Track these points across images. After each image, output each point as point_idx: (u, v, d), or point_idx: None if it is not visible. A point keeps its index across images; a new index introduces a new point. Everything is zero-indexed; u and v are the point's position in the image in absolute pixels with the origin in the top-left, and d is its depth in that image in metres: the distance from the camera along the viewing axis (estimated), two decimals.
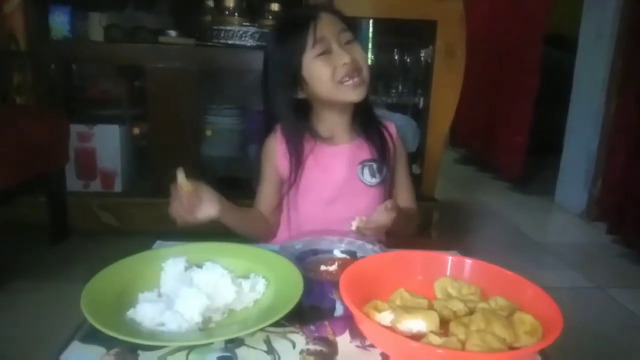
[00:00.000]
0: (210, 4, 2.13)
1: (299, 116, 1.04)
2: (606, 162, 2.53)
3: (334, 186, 1.05)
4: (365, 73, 1.00)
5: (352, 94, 0.99)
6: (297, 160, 1.04)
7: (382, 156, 1.07)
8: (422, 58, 2.20)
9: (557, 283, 1.93)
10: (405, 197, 1.12)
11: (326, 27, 0.98)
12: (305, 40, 0.97)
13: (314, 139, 1.05)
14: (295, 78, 1.00)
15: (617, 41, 2.46)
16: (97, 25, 2.11)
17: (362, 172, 1.06)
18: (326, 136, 1.06)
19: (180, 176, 0.87)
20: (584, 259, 2.22)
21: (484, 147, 3.44)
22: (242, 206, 1.07)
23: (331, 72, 0.97)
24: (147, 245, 0.87)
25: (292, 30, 1.00)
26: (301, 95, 1.02)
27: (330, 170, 1.06)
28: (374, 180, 1.07)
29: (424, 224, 2.14)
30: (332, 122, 1.06)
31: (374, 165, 1.06)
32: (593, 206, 2.61)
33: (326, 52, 0.97)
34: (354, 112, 1.07)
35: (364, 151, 1.07)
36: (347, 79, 0.97)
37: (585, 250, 2.34)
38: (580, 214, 2.67)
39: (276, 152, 1.06)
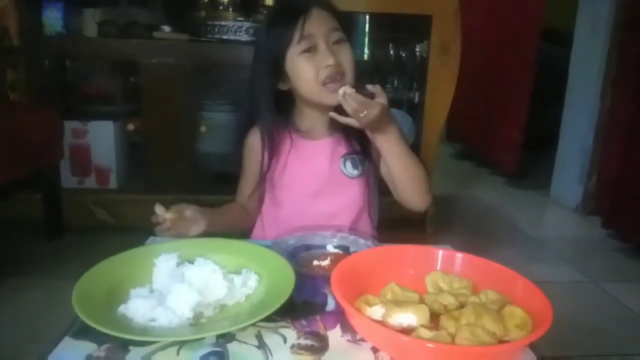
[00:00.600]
0: None
1: (279, 108, 1.03)
2: (601, 156, 2.54)
3: (317, 180, 1.05)
4: (349, 78, 0.98)
5: (333, 98, 0.96)
6: (272, 151, 1.04)
7: (363, 149, 1.06)
8: (417, 53, 2.20)
9: (552, 277, 1.94)
10: None
11: (316, 23, 0.96)
12: (292, 34, 0.96)
13: (294, 134, 1.05)
14: (279, 69, 0.99)
15: (612, 36, 2.46)
16: (90, 20, 2.10)
17: (345, 165, 1.06)
18: (306, 131, 1.06)
19: (160, 209, 0.89)
20: (579, 253, 2.23)
21: (480, 142, 3.45)
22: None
23: (314, 72, 0.96)
24: (141, 242, 0.87)
25: (281, 21, 0.99)
26: (283, 86, 1.02)
27: (313, 164, 1.06)
28: (356, 172, 1.06)
29: (419, 219, 2.15)
30: (313, 118, 1.06)
31: (356, 158, 1.06)
32: (588, 200, 2.62)
33: (311, 50, 0.96)
34: (334, 108, 1.06)
35: (345, 145, 1.07)
36: (328, 80, 0.96)
37: (581, 244, 2.35)
38: (575, 208, 2.68)
39: (258, 146, 1.06)
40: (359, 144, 1.06)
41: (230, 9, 2.07)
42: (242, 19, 2.06)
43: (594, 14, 2.56)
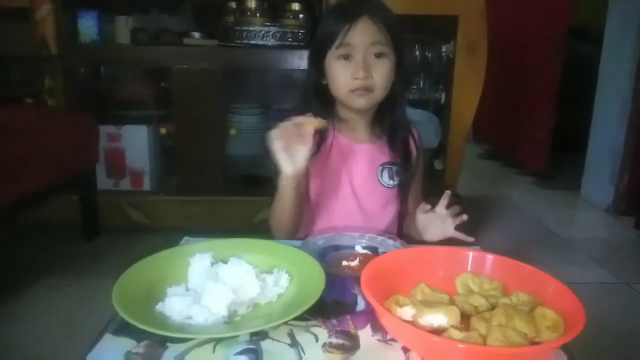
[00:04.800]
0: (233, 5, 2.15)
1: (324, 100, 1.06)
2: (633, 155, 2.47)
3: (355, 181, 1.07)
4: (379, 92, 1.00)
5: (359, 102, 1.00)
6: (320, 139, 1.04)
7: (404, 161, 1.08)
8: (444, 54, 2.18)
9: (583, 279, 1.90)
10: (417, 199, 1.13)
11: (359, 33, 0.97)
12: (335, 37, 0.98)
13: (338, 133, 1.06)
14: (321, 65, 1.03)
15: None
16: (123, 28, 2.16)
17: (382, 174, 1.08)
18: (346, 129, 1.07)
19: (309, 118, 0.87)
20: (611, 255, 2.17)
21: (508, 142, 3.40)
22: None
23: (345, 79, 0.99)
24: (175, 242, 0.89)
25: (331, 22, 1.01)
26: (324, 81, 1.05)
27: (353, 166, 1.07)
28: (392, 183, 1.08)
29: None
30: (349, 117, 1.07)
31: (393, 168, 1.08)
32: (620, 200, 2.55)
33: (348, 58, 0.98)
34: (378, 114, 1.08)
35: (385, 154, 1.08)
36: (356, 90, 0.99)
37: (612, 245, 2.29)
38: (606, 209, 2.62)
39: None
40: (402, 156, 1.08)
41: (258, 15, 2.10)
42: (269, 24, 2.08)
43: (625, 10, 2.50)
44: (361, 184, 1.07)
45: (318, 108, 1.05)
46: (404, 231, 1.11)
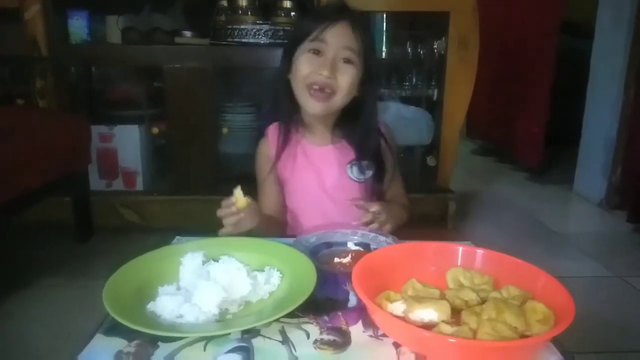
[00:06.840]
0: (224, 3, 2.15)
1: (292, 101, 1.07)
2: (626, 149, 2.48)
3: (326, 183, 1.09)
4: (339, 98, 1.01)
5: (311, 105, 1.01)
6: (285, 139, 1.07)
7: (370, 156, 1.09)
8: (435, 50, 2.19)
9: (576, 273, 1.91)
10: (395, 190, 1.16)
11: (335, 34, 0.99)
12: (311, 30, 0.99)
13: (303, 139, 1.09)
14: (290, 58, 1.04)
15: (635, 27, 2.40)
16: (114, 28, 2.15)
17: (352, 170, 1.09)
18: (308, 134, 1.10)
19: (238, 193, 0.90)
20: (604, 248, 2.19)
21: (501, 137, 3.41)
22: None
23: (309, 71, 0.99)
24: (168, 241, 0.89)
25: (310, 17, 1.05)
26: (288, 74, 1.05)
27: (321, 168, 1.09)
28: (363, 177, 1.10)
29: (440, 215, 2.14)
30: (311, 121, 1.09)
31: (362, 163, 1.09)
32: (613, 194, 2.56)
33: (318, 53, 0.99)
34: (339, 121, 1.10)
35: (350, 152, 1.10)
36: (316, 88, 0.99)
37: (606, 239, 2.31)
38: (599, 203, 2.63)
39: (269, 153, 1.10)
40: (364, 151, 1.09)
41: (249, 13, 2.09)
42: (260, 22, 2.07)
43: (615, 4, 2.51)
44: (333, 182, 1.09)
45: (285, 109, 1.07)
46: None
